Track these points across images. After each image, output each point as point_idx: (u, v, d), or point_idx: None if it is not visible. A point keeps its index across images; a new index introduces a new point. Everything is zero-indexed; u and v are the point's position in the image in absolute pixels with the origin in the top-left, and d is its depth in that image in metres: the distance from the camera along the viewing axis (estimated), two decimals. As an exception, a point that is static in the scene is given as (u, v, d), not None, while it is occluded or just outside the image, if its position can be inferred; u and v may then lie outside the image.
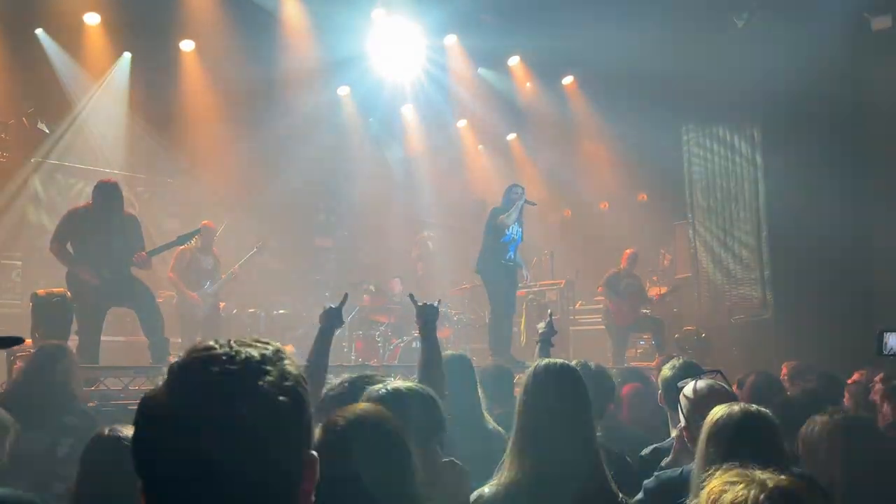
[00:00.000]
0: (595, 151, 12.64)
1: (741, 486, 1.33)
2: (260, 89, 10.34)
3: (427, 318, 3.34)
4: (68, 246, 5.95)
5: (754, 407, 2.20)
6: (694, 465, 2.15)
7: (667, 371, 3.23)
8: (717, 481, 1.39)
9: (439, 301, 3.49)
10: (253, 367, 0.95)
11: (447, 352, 3.65)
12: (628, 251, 9.68)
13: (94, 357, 6.00)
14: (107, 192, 6.00)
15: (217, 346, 0.98)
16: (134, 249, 6.12)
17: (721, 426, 2.12)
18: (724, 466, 1.47)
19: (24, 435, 2.75)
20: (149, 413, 0.94)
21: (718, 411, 2.18)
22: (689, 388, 2.66)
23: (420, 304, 3.42)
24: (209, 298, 8.25)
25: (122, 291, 6.16)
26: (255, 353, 0.97)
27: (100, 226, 5.97)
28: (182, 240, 6.61)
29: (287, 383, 0.96)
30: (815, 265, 9.49)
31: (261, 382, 0.94)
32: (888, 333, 2.85)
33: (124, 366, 6.26)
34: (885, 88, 9.48)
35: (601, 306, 9.86)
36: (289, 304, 10.17)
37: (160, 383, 0.98)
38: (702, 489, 1.45)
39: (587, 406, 2.33)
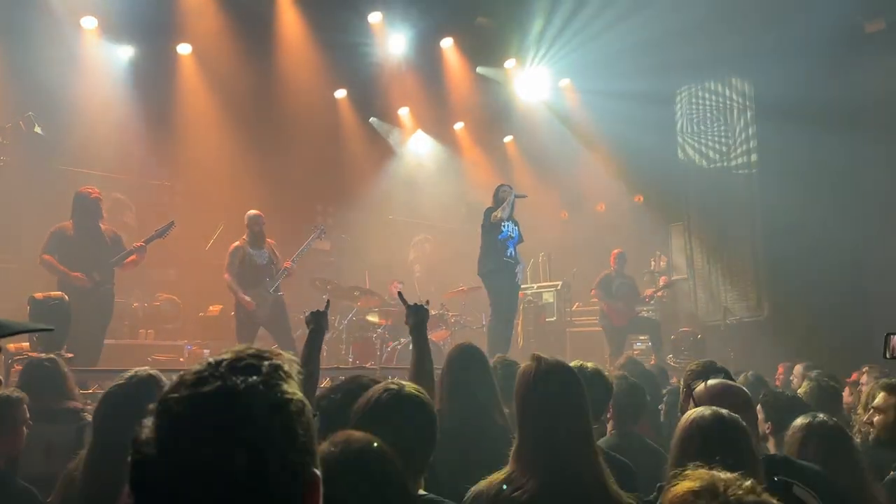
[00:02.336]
0: (591, 153, 12.68)
1: (702, 501, 1.33)
2: (257, 91, 10.35)
3: (418, 318, 3.35)
4: (56, 258, 6.23)
5: (726, 412, 2.18)
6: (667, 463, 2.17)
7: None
8: (681, 488, 1.38)
9: (427, 302, 3.50)
10: (242, 401, 0.91)
11: (461, 343, 3.63)
12: (615, 251, 9.73)
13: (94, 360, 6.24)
14: (83, 204, 6.48)
15: (207, 374, 0.93)
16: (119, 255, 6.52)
17: (692, 429, 2.12)
18: (690, 468, 1.47)
19: (53, 427, 3.27)
20: (140, 457, 0.91)
21: (692, 414, 2.18)
22: (700, 389, 2.64)
23: (411, 304, 3.42)
24: (270, 296, 7.43)
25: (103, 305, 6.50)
26: (242, 381, 0.92)
27: (83, 236, 6.35)
28: (161, 231, 6.72)
29: (279, 413, 0.93)
30: (810, 265, 9.53)
31: (251, 418, 0.90)
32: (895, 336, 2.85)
33: (123, 369, 6.25)
34: (878, 89, 9.54)
35: (598, 307, 9.89)
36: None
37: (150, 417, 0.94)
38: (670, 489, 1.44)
39: (586, 405, 2.31)
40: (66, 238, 6.31)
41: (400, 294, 3.70)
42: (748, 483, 1.38)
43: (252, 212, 7.71)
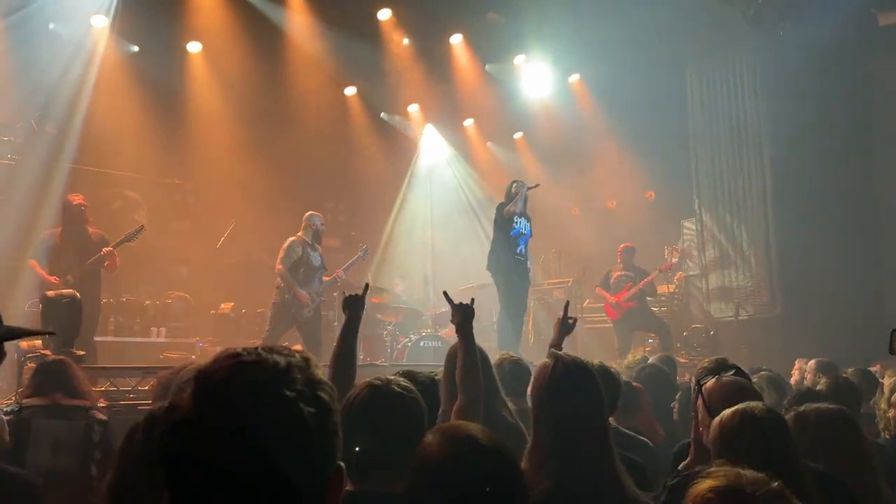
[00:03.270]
0: (602, 149, 12.61)
1: (729, 499, 1.29)
2: (267, 89, 10.37)
3: (464, 317, 3.05)
4: (43, 263, 6.70)
5: (769, 407, 2.15)
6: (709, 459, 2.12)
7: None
8: (705, 485, 1.34)
9: (472, 300, 3.17)
10: (279, 375, 0.94)
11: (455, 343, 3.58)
12: (622, 246, 9.70)
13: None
14: (67, 212, 6.88)
15: (244, 353, 0.97)
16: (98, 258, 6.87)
17: (738, 424, 2.07)
18: (714, 466, 1.43)
19: (61, 423, 3.39)
20: (175, 421, 0.94)
21: (737, 409, 2.13)
22: (710, 385, 2.58)
23: (456, 302, 3.12)
24: (317, 299, 7.49)
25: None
26: (281, 360, 0.96)
27: (68, 241, 6.79)
28: (130, 236, 6.96)
29: (314, 392, 0.95)
30: (825, 261, 9.45)
31: (287, 392, 0.93)
32: None
33: (134, 366, 6.30)
34: (892, 82, 9.44)
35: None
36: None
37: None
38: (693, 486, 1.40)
39: (603, 405, 2.28)
40: (53, 244, 6.80)
41: (445, 293, 3.37)
42: (775, 484, 1.33)
43: (314, 211, 7.74)
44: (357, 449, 1.87)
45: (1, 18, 8.53)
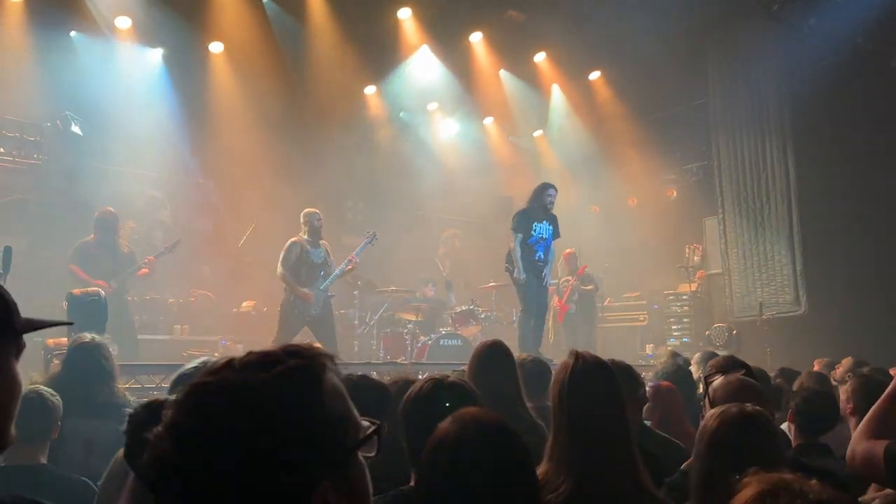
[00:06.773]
0: (623, 146, 12.54)
1: (783, 500, 1.22)
2: (288, 88, 10.42)
3: None
4: (80, 267, 7.23)
5: (750, 407, 2.09)
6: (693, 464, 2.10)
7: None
8: (750, 490, 1.28)
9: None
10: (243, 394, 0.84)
11: (485, 340, 3.59)
12: (566, 252, 10.33)
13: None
14: (104, 224, 7.51)
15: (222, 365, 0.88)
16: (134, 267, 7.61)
17: (725, 428, 2.02)
18: (751, 471, 1.39)
19: (93, 423, 3.21)
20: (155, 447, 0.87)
21: (716, 411, 2.09)
22: (717, 383, 2.58)
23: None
24: (321, 295, 7.46)
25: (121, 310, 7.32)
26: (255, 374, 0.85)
27: (104, 251, 7.41)
28: (170, 248, 7.84)
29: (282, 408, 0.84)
30: (849, 260, 9.33)
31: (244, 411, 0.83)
32: None
33: (159, 363, 6.38)
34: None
35: (629, 303, 9.88)
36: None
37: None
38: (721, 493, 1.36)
39: (624, 405, 2.27)
40: (90, 253, 7.35)
41: None
42: (814, 481, 1.28)
43: (310, 209, 7.72)
44: None
45: (27, 21, 8.68)
